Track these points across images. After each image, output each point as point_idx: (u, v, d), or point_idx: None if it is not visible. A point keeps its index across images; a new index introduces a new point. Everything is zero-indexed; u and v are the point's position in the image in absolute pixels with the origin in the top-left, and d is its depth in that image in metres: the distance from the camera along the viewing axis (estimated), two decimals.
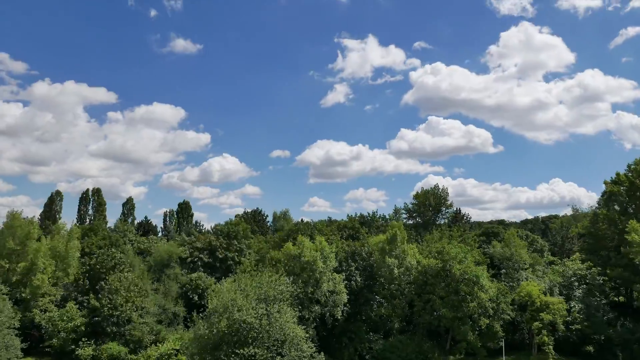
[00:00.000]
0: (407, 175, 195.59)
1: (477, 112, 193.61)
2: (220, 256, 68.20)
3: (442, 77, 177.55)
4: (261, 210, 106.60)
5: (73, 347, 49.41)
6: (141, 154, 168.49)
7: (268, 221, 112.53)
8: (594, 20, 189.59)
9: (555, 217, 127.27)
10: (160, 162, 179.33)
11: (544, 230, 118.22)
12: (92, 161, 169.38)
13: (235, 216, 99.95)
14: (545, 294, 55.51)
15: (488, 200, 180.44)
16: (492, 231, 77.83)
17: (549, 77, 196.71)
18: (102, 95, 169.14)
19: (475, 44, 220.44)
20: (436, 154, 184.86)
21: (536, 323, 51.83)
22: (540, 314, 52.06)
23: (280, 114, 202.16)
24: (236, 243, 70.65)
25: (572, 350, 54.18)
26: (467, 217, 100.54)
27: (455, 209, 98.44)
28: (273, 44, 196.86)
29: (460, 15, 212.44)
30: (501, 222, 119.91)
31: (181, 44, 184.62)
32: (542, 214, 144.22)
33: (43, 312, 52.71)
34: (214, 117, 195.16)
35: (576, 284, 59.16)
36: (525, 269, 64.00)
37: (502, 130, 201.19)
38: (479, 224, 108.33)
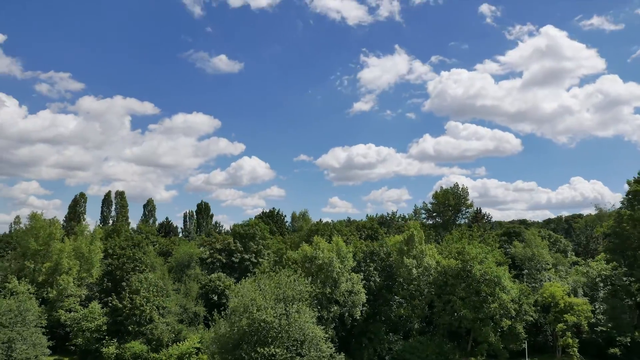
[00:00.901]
0: (429, 178, 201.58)
1: (497, 117, 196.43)
2: (236, 260, 68.78)
3: (462, 84, 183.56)
4: (278, 211, 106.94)
5: (97, 345, 50.45)
6: (174, 159, 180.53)
7: (287, 222, 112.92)
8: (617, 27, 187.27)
9: (579, 216, 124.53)
10: (191, 167, 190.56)
11: (567, 230, 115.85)
12: (128, 166, 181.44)
13: (255, 217, 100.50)
14: (569, 295, 54.38)
15: (510, 201, 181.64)
16: (513, 231, 76.54)
17: (571, 83, 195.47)
18: (146, 107, 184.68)
19: (495, 50, 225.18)
20: (458, 157, 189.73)
21: (560, 325, 50.80)
22: (564, 315, 51.00)
23: (308, 122, 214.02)
24: (253, 244, 71.06)
25: (597, 352, 52.90)
26: (487, 217, 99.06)
27: (475, 209, 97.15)
28: (305, 60, 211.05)
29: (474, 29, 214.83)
30: (523, 222, 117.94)
31: (221, 62, 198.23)
32: (565, 213, 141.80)
33: (68, 312, 53.94)
34: (246, 126, 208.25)
35: (601, 284, 57.72)
36: (548, 270, 62.81)
37: (523, 133, 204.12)
38: (500, 224, 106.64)
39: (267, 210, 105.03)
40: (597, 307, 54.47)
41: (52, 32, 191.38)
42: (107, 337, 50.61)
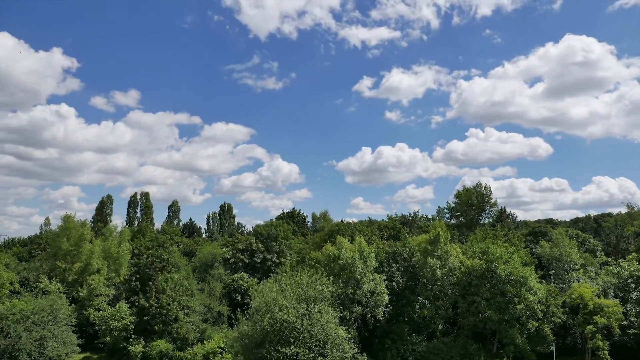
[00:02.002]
0: (455, 180, 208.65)
1: (524, 122, 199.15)
2: (258, 260, 69.33)
3: (489, 90, 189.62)
4: (299, 211, 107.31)
5: (124, 344, 51.61)
6: (209, 165, 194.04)
7: (308, 222, 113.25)
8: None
9: (609, 215, 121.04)
10: (224, 171, 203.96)
11: (596, 229, 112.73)
12: (167, 171, 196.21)
13: (276, 217, 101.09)
14: (598, 296, 52.84)
15: (536, 201, 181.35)
16: (539, 230, 74.92)
17: (597, 88, 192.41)
18: (189, 119, 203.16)
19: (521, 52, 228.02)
20: (483, 160, 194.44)
21: (589, 327, 49.42)
22: (594, 317, 49.60)
23: (336, 128, 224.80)
24: (275, 245, 71.49)
25: (629, 355, 51.29)
26: (512, 216, 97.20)
27: (500, 208, 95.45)
28: (337, 74, 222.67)
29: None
30: (549, 221, 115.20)
31: (267, 82, 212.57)
32: (593, 213, 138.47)
33: (97, 311, 55.34)
34: (278, 133, 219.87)
35: (633, 285, 55.87)
36: (577, 270, 61.21)
37: (549, 134, 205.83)
38: (526, 224, 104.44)
39: (288, 211, 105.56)
40: (629, 308, 52.76)
41: (112, 52, 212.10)
42: (134, 335, 51.70)
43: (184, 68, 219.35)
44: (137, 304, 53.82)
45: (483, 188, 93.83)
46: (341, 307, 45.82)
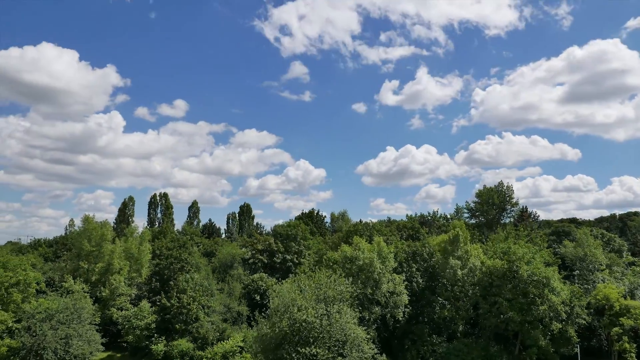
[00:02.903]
0: (477, 181, 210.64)
1: (549, 125, 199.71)
2: (277, 260, 69.60)
3: (512, 96, 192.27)
4: (318, 211, 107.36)
5: (146, 343, 52.43)
6: (237, 168, 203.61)
7: (326, 222, 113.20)
8: None
9: (635, 214, 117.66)
10: (251, 175, 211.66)
11: (621, 228, 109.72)
12: (197, 176, 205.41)
13: (295, 218, 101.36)
14: (625, 297, 51.48)
15: (561, 201, 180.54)
16: (562, 230, 73.32)
17: (622, 93, 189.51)
18: (224, 127, 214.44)
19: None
20: (507, 162, 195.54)
21: (616, 328, 48.15)
22: (620, 318, 48.30)
23: (360, 133, 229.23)
24: (294, 245, 71.67)
25: None
26: (534, 216, 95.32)
27: (521, 207, 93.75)
28: (364, 86, 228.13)
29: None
30: (573, 221, 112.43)
31: (303, 95, 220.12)
32: (619, 212, 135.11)
33: (120, 310, 56.36)
34: (304, 140, 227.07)
35: None
36: (602, 271, 59.73)
37: (573, 136, 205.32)
38: (548, 223, 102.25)
39: (307, 211, 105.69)
40: None
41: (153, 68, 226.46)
42: (155, 334, 52.46)
43: (224, 84, 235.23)
44: (158, 303, 54.62)
45: (505, 187, 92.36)
46: (360, 308, 45.65)
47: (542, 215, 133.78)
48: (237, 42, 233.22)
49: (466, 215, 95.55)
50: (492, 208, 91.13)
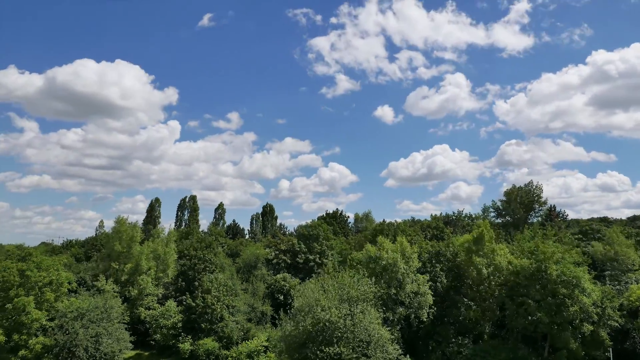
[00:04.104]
0: (506, 182, 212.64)
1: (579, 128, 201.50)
2: (300, 260, 69.85)
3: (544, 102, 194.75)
4: (341, 212, 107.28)
5: (173, 341, 53.43)
6: (270, 173, 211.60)
7: (350, 222, 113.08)
8: None
9: None
10: (281, 178, 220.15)
11: None
12: (233, 179, 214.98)
13: (318, 218, 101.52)
14: None
15: (591, 200, 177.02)
16: (591, 229, 71.17)
17: None
18: (261, 136, 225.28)
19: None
20: (538, 163, 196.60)
21: None
22: None
23: (389, 135, 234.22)
24: (317, 245, 71.81)
25: None
26: (563, 215, 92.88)
27: (549, 206, 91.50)
28: (394, 95, 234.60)
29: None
30: (603, 220, 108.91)
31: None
32: None
33: (147, 310, 57.61)
34: (334, 144, 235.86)
35: None
36: (635, 271, 57.70)
37: (604, 137, 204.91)
38: (577, 222, 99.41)
39: (330, 212, 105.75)
40: None
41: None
42: (182, 333, 53.40)
43: (266, 97, 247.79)
44: (184, 303, 55.61)
45: (533, 187, 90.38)
46: (384, 308, 45.41)
47: (572, 215, 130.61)
48: (277, 63, 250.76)
49: (493, 214, 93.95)
50: (520, 207, 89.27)
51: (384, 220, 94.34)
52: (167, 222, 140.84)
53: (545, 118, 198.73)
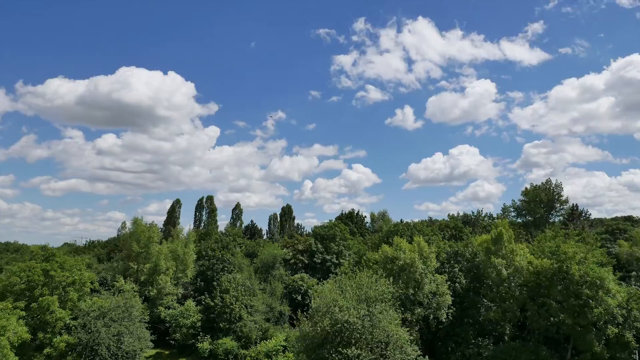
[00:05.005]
0: (526, 181, 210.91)
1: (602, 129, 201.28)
2: (318, 261, 69.82)
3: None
4: (358, 212, 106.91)
5: (193, 341, 53.99)
6: (294, 176, 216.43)
7: (367, 222, 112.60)
8: None
9: None
10: (305, 179, 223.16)
11: None
12: (259, 182, 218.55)
13: (335, 218, 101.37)
14: None
15: (616, 200, 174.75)
16: (617, 228, 69.38)
17: None
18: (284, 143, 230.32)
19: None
20: (559, 163, 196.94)
21: None
22: None
23: (412, 141, 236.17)
24: (334, 245, 71.70)
25: None
26: (585, 214, 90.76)
27: (571, 205, 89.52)
28: (415, 101, 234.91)
29: None
30: (628, 219, 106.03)
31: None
32: None
33: (167, 309, 58.33)
34: (358, 148, 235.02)
35: None
36: None
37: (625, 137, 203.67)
38: (601, 221, 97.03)
39: (346, 212, 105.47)
40: None
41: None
42: (201, 333, 53.91)
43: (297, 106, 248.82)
44: (203, 302, 56.14)
45: (553, 185, 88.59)
46: (402, 309, 45.05)
47: (595, 214, 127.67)
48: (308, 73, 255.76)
49: (513, 214, 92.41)
50: (540, 206, 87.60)
51: (401, 220, 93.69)
52: (187, 223, 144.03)
53: (567, 122, 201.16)
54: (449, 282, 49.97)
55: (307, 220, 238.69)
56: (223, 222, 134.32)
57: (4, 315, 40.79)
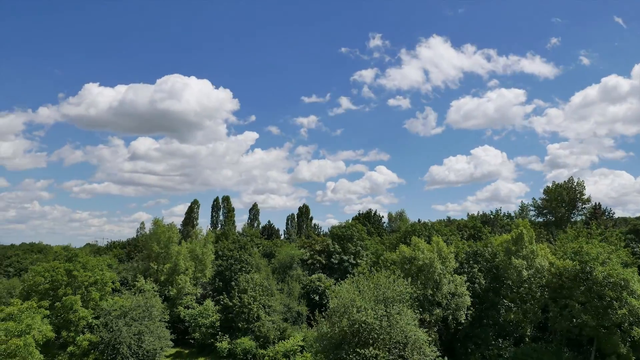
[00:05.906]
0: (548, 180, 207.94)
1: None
2: (335, 261, 69.72)
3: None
4: (375, 212, 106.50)
5: (212, 340, 54.49)
6: (319, 179, 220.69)
7: (383, 222, 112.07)
8: None
9: None
10: (327, 181, 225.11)
11: None
12: (285, 185, 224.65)
13: (352, 218, 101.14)
14: None
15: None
16: None
17: None
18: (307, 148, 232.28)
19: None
20: (582, 164, 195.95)
21: None
22: None
23: (433, 142, 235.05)
24: (351, 246, 71.52)
25: None
26: (609, 213, 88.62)
27: (594, 204, 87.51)
28: (437, 106, 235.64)
29: None
30: None
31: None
32: None
33: (186, 309, 59.03)
34: (381, 151, 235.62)
35: None
36: None
37: None
38: (625, 220, 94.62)
39: (364, 212, 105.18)
40: None
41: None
42: (220, 332, 54.39)
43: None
44: (221, 302, 56.62)
45: (575, 183, 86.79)
46: (420, 309, 44.69)
47: (619, 213, 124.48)
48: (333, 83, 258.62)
49: (532, 213, 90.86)
50: (561, 205, 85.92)
51: (418, 220, 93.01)
52: (205, 225, 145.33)
53: (591, 125, 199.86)
54: (468, 283, 49.38)
55: (328, 221, 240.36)
56: (243, 222, 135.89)
57: (29, 314, 41.83)
